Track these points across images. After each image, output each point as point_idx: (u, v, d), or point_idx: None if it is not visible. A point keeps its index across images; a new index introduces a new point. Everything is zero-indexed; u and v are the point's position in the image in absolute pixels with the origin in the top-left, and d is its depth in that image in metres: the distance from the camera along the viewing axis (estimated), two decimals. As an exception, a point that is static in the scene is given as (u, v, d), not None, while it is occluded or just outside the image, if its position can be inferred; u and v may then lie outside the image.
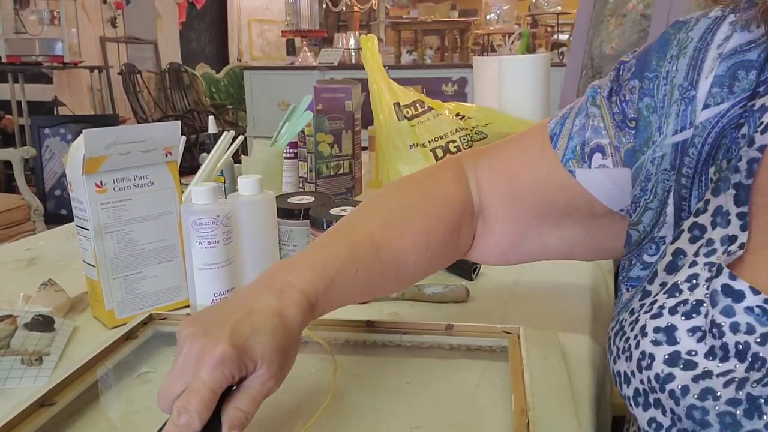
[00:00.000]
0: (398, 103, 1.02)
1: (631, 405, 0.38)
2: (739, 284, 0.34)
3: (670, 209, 0.42)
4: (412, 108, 1.02)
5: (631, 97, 0.45)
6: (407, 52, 4.25)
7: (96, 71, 4.47)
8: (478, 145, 1.03)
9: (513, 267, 0.78)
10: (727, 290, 0.34)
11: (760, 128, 0.37)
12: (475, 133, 1.03)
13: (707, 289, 0.35)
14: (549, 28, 4.54)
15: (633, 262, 0.45)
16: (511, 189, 0.53)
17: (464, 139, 1.01)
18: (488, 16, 4.26)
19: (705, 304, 0.35)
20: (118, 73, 4.77)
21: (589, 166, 0.48)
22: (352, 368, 0.54)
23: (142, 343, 0.58)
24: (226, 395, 0.38)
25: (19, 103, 3.87)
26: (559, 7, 3.87)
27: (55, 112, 4.19)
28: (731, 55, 0.40)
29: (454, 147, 1.01)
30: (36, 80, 4.27)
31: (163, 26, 5.35)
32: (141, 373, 0.54)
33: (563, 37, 3.98)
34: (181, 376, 0.37)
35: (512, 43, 3.94)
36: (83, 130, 0.58)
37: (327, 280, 0.44)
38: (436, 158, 1.00)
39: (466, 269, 0.74)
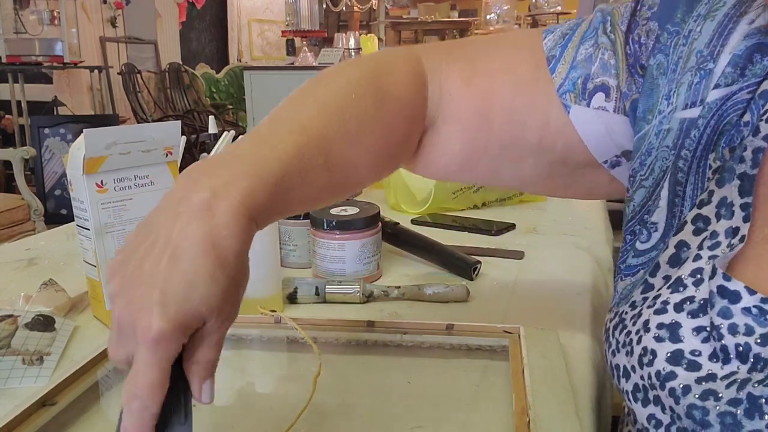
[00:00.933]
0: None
1: (629, 400, 0.38)
2: (735, 285, 0.33)
3: (664, 192, 0.39)
4: (412, 108, 1.02)
5: (645, 41, 0.41)
6: (407, 52, 4.25)
7: (96, 71, 4.47)
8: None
9: (514, 266, 0.78)
10: (722, 291, 0.33)
11: (765, 116, 0.35)
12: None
13: (710, 287, 0.35)
14: (549, 28, 4.54)
15: (626, 248, 0.43)
16: (484, 108, 0.46)
17: (464, 139, 1.01)
18: (488, 16, 4.26)
19: (704, 301, 0.35)
20: (118, 73, 4.78)
21: (588, 105, 0.43)
22: (352, 368, 0.54)
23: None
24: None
25: (19, 103, 3.87)
26: (559, 7, 3.87)
27: (55, 112, 4.18)
28: (753, 35, 0.36)
29: (455, 147, 1.00)
30: (36, 80, 4.27)
31: (163, 26, 5.35)
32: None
33: (563, 37, 3.99)
34: (122, 343, 0.32)
35: (512, 43, 3.95)
36: (84, 130, 0.58)
37: (269, 188, 0.34)
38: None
39: (466, 269, 0.74)
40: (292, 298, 0.68)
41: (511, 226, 0.94)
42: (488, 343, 0.56)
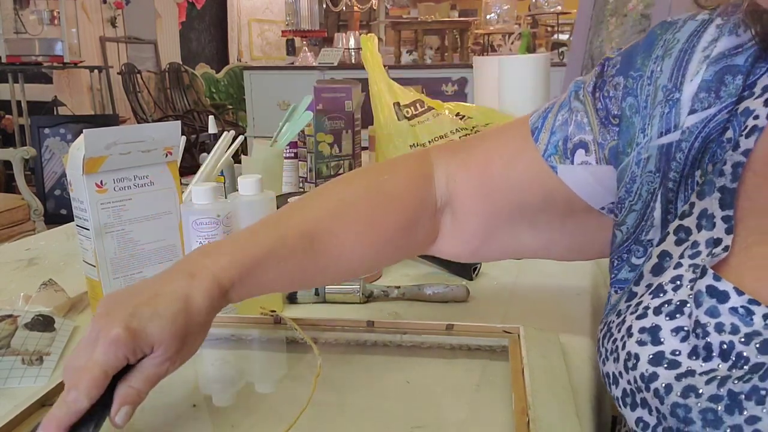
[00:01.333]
0: (398, 103, 1.02)
1: (619, 405, 0.39)
2: (724, 285, 0.34)
3: (657, 213, 0.42)
4: (412, 108, 1.02)
5: (615, 94, 0.45)
6: (407, 52, 4.25)
7: (96, 71, 4.48)
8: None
9: (514, 266, 0.78)
10: (711, 291, 0.34)
11: (745, 132, 0.37)
12: (476, 133, 1.03)
13: (691, 289, 0.36)
14: (549, 28, 4.53)
15: (620, 264, 0.45)
16: (487, 183, 0.52)
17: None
18: (488, 16, 4.26)
19: (688, 305, 0.36)
20: (118, 73, 4.78)
21: (572, 162, 0.47)
22: (351, 368, 0.54)
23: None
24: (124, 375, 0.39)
25: (18, 103, 3.87)
26: (559, 7, 3.87)
27: (55, 112, 4.18)
28: (718, 60, 0.40)
29: (454, 147, 1.01)
30: (36, 80, 4.27)
31: (163, 26, 5.35)
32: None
33: (563, 37, 3.98)
34: (82, 353, 0.38)
35: (512, 43, 3.95)
36: (83, 130, 0.58)
37: (244, 268, 0.43)
38: (436, 158, 1.00)
39: (466, 269, 0.74)
40: (291, 298, 0.68)
41: (511, 226, 0.94)
42: (488, 343, 0.56)
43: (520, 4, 4.47)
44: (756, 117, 0.37)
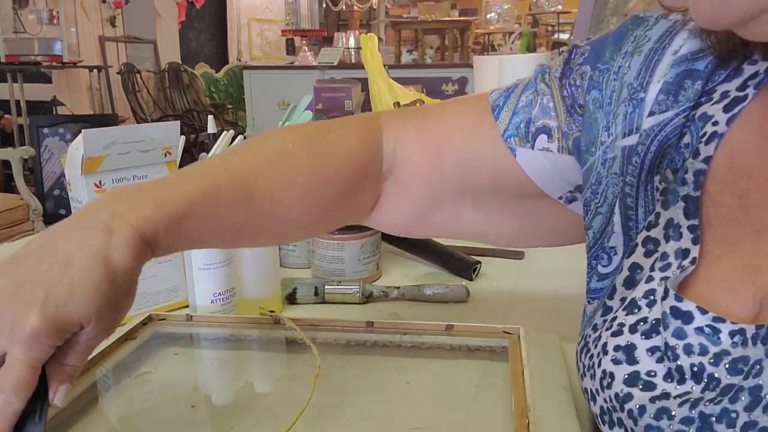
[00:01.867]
0: (398, 103, 1.01)
1: (598, 422, 0.38)
2: (686, 305, 0.34)
3: (617, 218, 0.41)
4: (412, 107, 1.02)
5: (581, 83, 0.43)
6: (407, 51, 4.25)
7: (95, 71, 4.47)
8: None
9: (514, 267, 0.78)
10: (675, 312, 0.34)
11: (704, 139, 0.37)
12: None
13: (663, 308, 0.35)
14: (549, 28, 4.54)
15: (590, 272, 0.44)
16: (438, 154, 0.49)
17: (464, 139, 1.01)
18: (488, 16, 4.26)
19: (657, 322, 0.35)
20: (118, 73, 4.77)
21: (532, 147, 0.45)
22: (352, 369, 0.54)
23: (141, 344, 0.57)
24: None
25: (18, 102, 3.86)
26: (560, 7, 3.87)
27: (54, 112, 4.18)
28: (681, 62, 0.39)
29: (454, 146, 1.00)
30: (35, 80, 4.27)
31: (162, 26, 5.35)
32: (140, 374, 0.54)
33: (564, 36, 3.98)
34: None
35: (513, 42, 3.94)
36: (82, 130, 0.58)
37: (172, 218, 0.37)
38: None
39: (466, 269, 0.74)
40: (291, 299, 0.68)
41: (510, 226, 0.94)
42: (488, 343, 0.56)
43: (520, 4, 4.47)
44: (715, 123, 0.36)
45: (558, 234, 0.52)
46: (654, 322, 0.36)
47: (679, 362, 0.33)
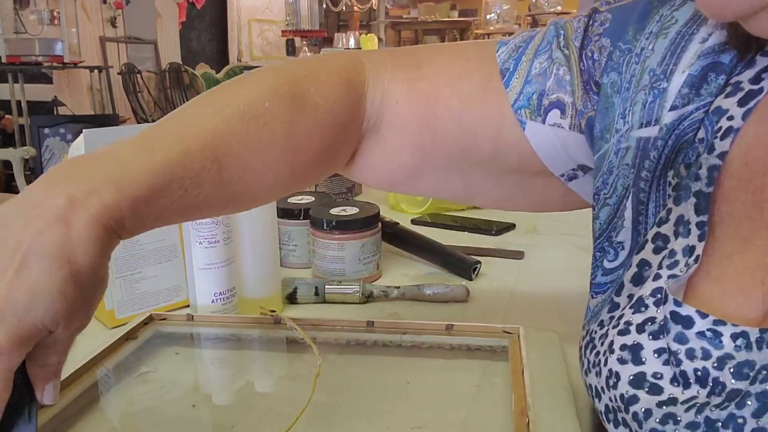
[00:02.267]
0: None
1: (603, 419, 0.38)
2: (686, 310, 0.33)
3: (628, 213, 0.39)
4: (412, 108, 1.02)
5: (599, 58, 0.40)
6: (407, 52, 4.25)
7: (96, 71, 4.47)
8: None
9: (514, 267, 0.78)
10: (675, 317, 0.33)
11: (719, 134, 0.35)
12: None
13: (664, 312, 0.35)
14: (549, 28, 4.53)
15: (595, 266, 0.43)
16: (432, 117, 0.44)
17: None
18: (488, 16, 4.26)
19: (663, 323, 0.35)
20: (118, 73, 4.77)
21: (543, 122, 0.42)
22: (352, 368, 0.54)
23: (142, 344, 0.58)
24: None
25: (18, 103, 3.86)
26: (559, 7, 3.87)
27: (55, 112, 4.18)
28: (708, 54, 0.37)
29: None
30: (36, 80, 4.27)
31: (163, 26, 5.35)
32: (141, 374, 0.54)
33: (563, 36, 3.98)
34: None
35: (512, 42, 3.94)
36: (83, 130, 0.58)
37: (135, 202, 0.33)
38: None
39: (466, 269, 0.74)
40: (291, 298, 0.68)
41: (511, 226, 0.94)
42: (488, 343, 0.56)
43: (520, 4, 4.47)
44: (730, 118, 0.35)
45: (547, 203, 0.50)
46: (662, 322, 0.35)
47: (682, 367, 0.33)
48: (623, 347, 0.36)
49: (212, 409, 0.50)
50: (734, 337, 0.32)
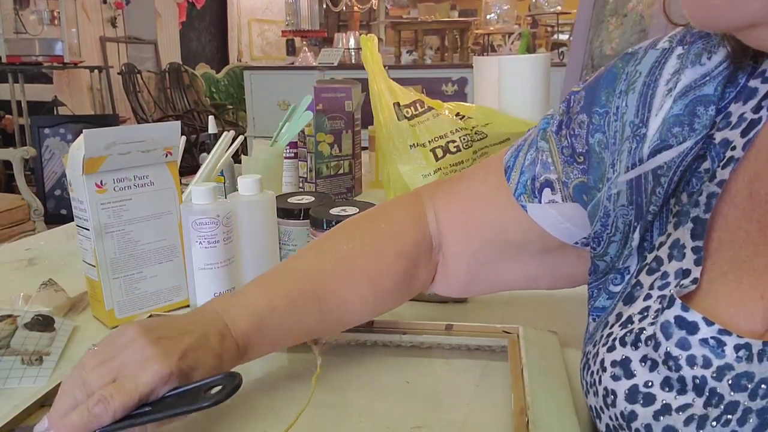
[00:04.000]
0: (398, 103, 1.02)
1: None
2: (692, 315, 0.34)
3: (635, 243, 0.41)
4: (412, 108, 1.02)
5: (579, 132, 0.45)
6: (407, 52, 4.25)
7: (96, 71, 4.48)
8: (478, 145, 1.02)
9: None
10: (680, 322, 0.34)
11: (722, 164, 0.37)
12: (475, 133, 1.03)
13: (654, 318, 0.36)
14: (549, 28, 4.53)
15: (599, 293, 0.44)
16: (466, 222, 0.53)
17: (464, 139, 1.01)
18: (488, 16, 4.26)
19: (645, 332, 0.36)
20: (118, 73, 4.78)
21: (540, 201, 0.48)
22: (352, 368, 0.54)
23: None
24: None
25: (19, 103, 3.87)
26: (559, 7, 3.87)
27: (55, 112, 4.18)
28: (686, 93, 0.39)
29: (454, 147, 1.00)
30: (36, 80, 4.27)
31: (163, 26, 5.35)
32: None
33: (563, 37, 3.98)
34: (109, 359, 0.40)
35: (512, 43, 3.95)
36: (83, 130, 0.58)
37: (259, 333, 0.46)
38: (436, 158, 1.00)
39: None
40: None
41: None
42: (487, 343, 0.56)
43: (520, 4, 4.47)
44: (733, 148, 0.36)
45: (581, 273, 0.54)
46: (638, 331, 0.36)
47: (681, 372, 0.33)
48: (614, 363, 0.37)
49: (212, 408, 0.50)
50: (737, 348, 0.32)
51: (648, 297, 0.37)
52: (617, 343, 0.37)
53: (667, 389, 0.34)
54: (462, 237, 0.53)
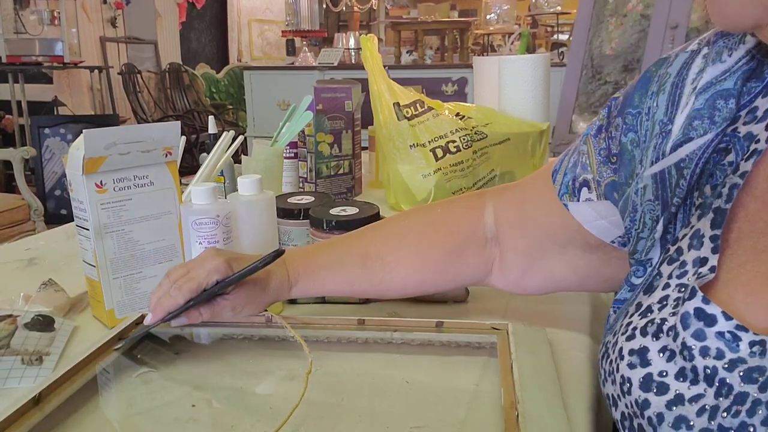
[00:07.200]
0: (398, 103, 1.02)
1: (619, 428, 0.39)
2: (712, 308, 0.34)
3: (657, 234, 0.43)
4: (412, 108, 1.02)
5: (615, 134, 0.47)
6: (407, 52, 4.25)
7: (96, 71, 4.48)
8: (478, 146, 1.03)
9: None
10: (699, 314, 0.35)
11: (746, 156, 0.38)
12: (475, 133, 1.03)
13: (674, 308, 0.36)
14: (549, 28, 4.54)
15: (623, 286, 0.46)
16: (520, 220, 0.57)
17: (464, 139, 1.01)
18: (488, 16, 4.26)
19: (667, 322, 0.36)
20: (118, 73, 4.78)
21: (578, 200, 0.51)
22: (347, 366, 0.54)
23: (136, 343, 0.58)
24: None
25: (19, 103, 3.87)
26: (559, 7, 3.87)
27: (55, 112, 4.19)
28: (707, 88, 0.41)
29: (454, 147, 1.01)
30: (36, 80, 4.27)
31: (163, 26, 5.35)
32: (140, 373, 0.54)
33: (563, 37, 3.98)
34: (187, 264, 0.55)
35: (512, 43, 3.94)
36: (83, 130, 0.58)
37: (309, 272, 0.57)
38: (436, 158, 1.00)
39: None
40: (292, 299, 0.68)
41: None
42: (477, 339, 0.57)
43: (520, 5, 4.47)
44: (757, 141, 0.38)
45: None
46: (659, 321, 0.37)
47: (694, 363, 0.34)
48: (631, 352, 0.37)
49: (212, 408, 0.50)
50: (752, 344, 0.33)
51: (667, 286, 0.38)
52: (637, 332, 0.38)
53: (681, 379, 0.34)
54: (517, 233, 0.57)
